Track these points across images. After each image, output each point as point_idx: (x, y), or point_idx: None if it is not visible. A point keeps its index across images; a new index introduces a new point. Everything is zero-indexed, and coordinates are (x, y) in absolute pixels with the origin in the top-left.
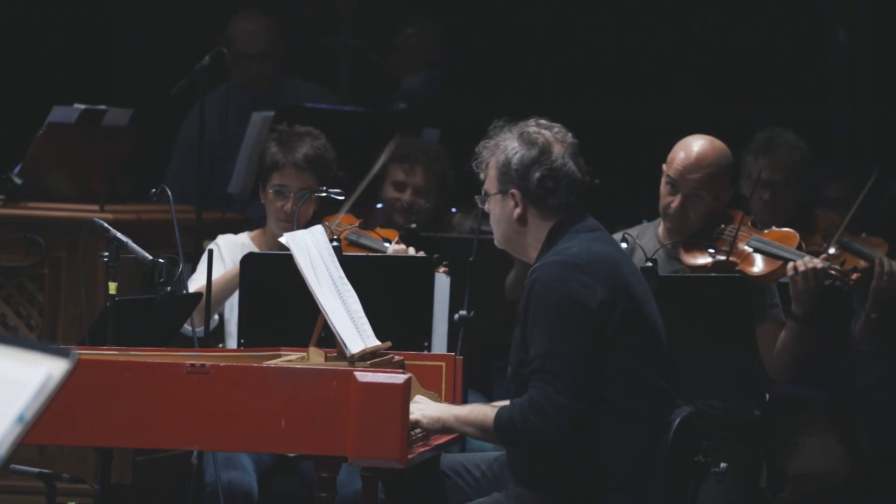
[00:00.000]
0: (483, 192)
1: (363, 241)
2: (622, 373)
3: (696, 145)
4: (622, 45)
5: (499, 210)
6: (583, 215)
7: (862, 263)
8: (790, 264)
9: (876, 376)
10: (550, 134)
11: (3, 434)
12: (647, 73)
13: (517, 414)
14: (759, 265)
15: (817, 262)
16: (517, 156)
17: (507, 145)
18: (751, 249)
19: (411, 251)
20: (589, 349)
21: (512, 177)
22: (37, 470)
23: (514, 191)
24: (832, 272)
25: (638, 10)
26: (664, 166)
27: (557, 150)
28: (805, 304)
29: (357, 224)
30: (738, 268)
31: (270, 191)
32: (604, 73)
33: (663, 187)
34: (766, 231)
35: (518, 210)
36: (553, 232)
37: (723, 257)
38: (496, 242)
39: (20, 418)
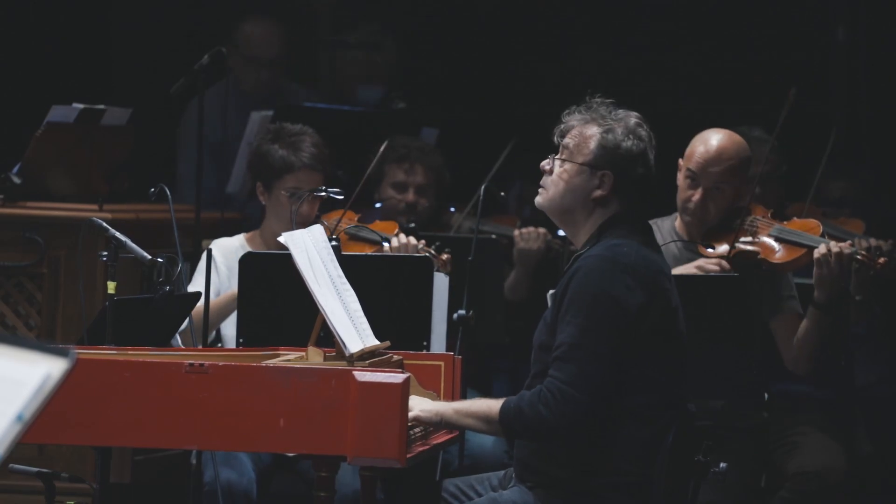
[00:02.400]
0: (560, 150)
1: (363, 233)
2: (642, 377)
3: (715, 139)
4: (621, 42)
5: (576, 180)
6: (641, 216)
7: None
8: (816, 249)
9: (875, 375)
10: (648, 138)
11: (2, 433)
12: (645, 72)
13: (526, 404)
14: (782, 253)
15: (843, 246)
16: (628, 143)
17: (617, 128)
18: (773, 238)
19: (412, 241)
20: (617, 349)
21: (615, 161)
22: (36, 469)
23: (608, 173)
24: (858, 256)
25: (635, 6)
26: (680, 161)
27: (651, 154)
28: (828, 290)
29: (356, 219)
30: (760, 256)
31: (285, 193)
32: (602, 72)
33: (682, 181)
34: (787, 221)
35: (600, 192)
36: (607, 224)
37: (744, 247)
38: (545, 201)
39: (19, 417)
